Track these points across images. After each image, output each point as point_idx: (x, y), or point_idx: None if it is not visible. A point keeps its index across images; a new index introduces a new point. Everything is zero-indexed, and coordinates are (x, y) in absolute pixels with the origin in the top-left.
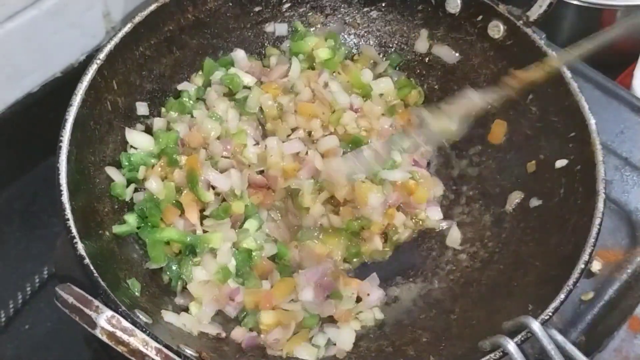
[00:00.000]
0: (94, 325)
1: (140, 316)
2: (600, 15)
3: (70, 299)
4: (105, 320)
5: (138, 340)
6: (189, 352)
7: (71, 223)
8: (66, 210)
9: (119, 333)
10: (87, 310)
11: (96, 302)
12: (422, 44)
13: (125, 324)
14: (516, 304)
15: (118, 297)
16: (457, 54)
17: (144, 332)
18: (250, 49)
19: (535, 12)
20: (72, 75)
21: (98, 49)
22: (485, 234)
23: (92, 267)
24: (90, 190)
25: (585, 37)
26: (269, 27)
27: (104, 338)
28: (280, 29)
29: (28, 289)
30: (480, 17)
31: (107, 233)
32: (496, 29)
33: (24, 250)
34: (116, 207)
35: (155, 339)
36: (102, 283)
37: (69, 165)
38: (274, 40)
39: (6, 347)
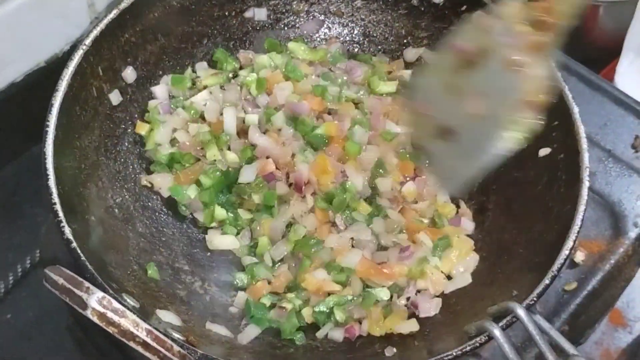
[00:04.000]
0: (84, 306)
1: (128, 300)
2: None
3: (61, 280)
4: (96, 301)
5: (129, 321)
6: (176, 335)
7: (58, 207)
8: (53, 194)
9: (109, 314)
10: (77, 292)
11: (86, 284)
12: (410, 53)
13: (116, 305)
14: (500, 291)
15: (105, 281)
16: None
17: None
18: (234, 37)
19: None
20: (57, 64)
21: (84, 35)
22: None
23: (79, 251)
24: (76, 176)
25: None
26: (249, 13)
27: (95, 319)
28: (260, 13)
29: (10, 278)
30: (464, 7)
31: (93, 218)
32: None
33: (7, 240)
34: (102, 193)
35: (146, 320)
36: (90, 267)
37: (55, 150)
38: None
39: None
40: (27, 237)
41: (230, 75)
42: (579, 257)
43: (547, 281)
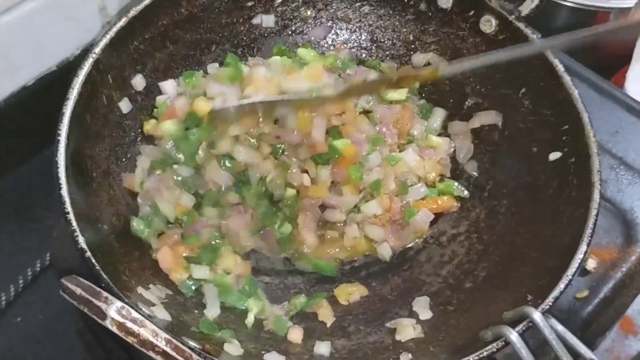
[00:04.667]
0: (103, 316)
1: (143, 309)
2: (594, 16)
3: (79, 291)
4: (116, 311)
5: (148, 331)
6: (192, 344)
7: (71, 216)
8: (66, 203)
9: (129, 324)
10: (96, 302)
11: (105, 294)
12: (418, 59)
13: (135, 314)
14: (514, 295)
15: (120, 290)
16: None
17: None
18: (242, 43)
19: (527, 7)
20: (68, 68)
21: (94, 43)
22: (479, 226)
23: (93, 260)
24: (88, 184)
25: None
26: (257, 20)
27: (114, 329)
28: (268, 20)
29: (21, 281)
30: (472, 12)
31: (105, 227)
32: (488, 24)
33: (17, 243)
34: (114, 200)
35: (165, 329)
36: (104, 276)
37: (67, 159)
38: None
39: None
40: (38, 240)
41: None
42: (591, 264)
43: (562, 286)
